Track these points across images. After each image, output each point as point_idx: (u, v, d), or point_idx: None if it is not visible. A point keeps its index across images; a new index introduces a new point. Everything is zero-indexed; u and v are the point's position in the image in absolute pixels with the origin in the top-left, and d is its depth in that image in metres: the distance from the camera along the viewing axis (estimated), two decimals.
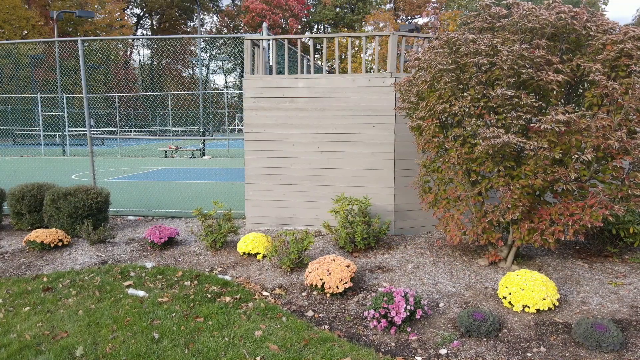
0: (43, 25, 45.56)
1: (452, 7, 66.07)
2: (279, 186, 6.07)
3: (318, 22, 66.86)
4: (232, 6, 68.49)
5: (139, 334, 3.45)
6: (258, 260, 4.97)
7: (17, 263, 5.18)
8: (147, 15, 66.02)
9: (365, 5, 67.07)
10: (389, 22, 65.45)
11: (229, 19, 67.29)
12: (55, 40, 12.09)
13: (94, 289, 4.35)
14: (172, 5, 60.50)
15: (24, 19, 45.23)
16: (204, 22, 68.13)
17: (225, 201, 8.82)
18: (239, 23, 66.37)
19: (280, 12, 62.52)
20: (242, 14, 64.74)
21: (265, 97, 5.94)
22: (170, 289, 4.35)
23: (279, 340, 3.32)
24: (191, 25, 66.87)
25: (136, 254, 5.41)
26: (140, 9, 64.45)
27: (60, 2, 51.37)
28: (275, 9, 61.55)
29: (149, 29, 65.35)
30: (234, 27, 67.44)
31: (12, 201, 6.25)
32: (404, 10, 69.31)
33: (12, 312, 3.95)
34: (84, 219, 6.01)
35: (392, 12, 68.34)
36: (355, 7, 66.88)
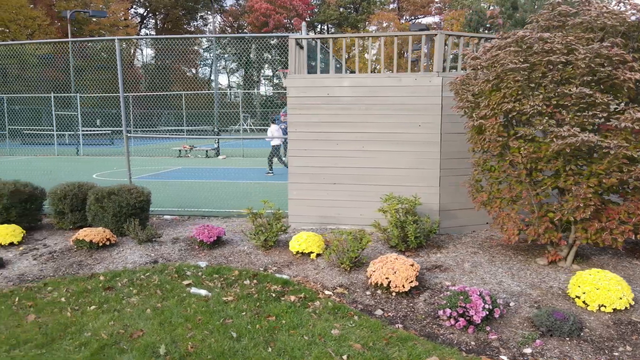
0: (49, 25, 45.55)
1: (456, 7, 66.06)
2: (323, 185, 6.07)
3: (322, 22, 66.87)
4: (236, 6, 68.50)
5: (215, 333, 3.45)
6: (312, 260, 4.97)
7: (68, 262, 5.18)
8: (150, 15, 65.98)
9: (369, 5, 67.04)
10: (393, 22, 65.48)
11: (232, 18, 67.31)
12: (69, 40, 12.10)
13: (155, 288, 4.36)
14: (177, 5, 60.45)
15: (30, 19, 45.20)
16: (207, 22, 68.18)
17: (255, 200, 8.82)
18: (242, 23, 66.38)
19: (284, 12, 62.54)
20: (246, 14, 64.75)
21: (309, 96, 5.94)
22: (231, 288, 4.36)
23: (359, 338, 3.33)
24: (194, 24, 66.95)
25: (185, 253, 5.42)
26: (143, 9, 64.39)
27: (65, 2, 51.42)
28: (279, 8, 61.54)
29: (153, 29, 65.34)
30: (238, 27, 67.47)
31: (54, 200, 6.25)
32: (408, 10, 69.30)
33: (78, 310, 3.96)
34: (127, 218, 6.01)
35: (397, 12, 68.32)
36: (359, 7, 66.85)
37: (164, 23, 63.36)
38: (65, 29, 50.71)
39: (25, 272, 4.92)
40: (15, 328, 3.66)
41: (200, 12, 66.54)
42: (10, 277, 4.79)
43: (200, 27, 67.85)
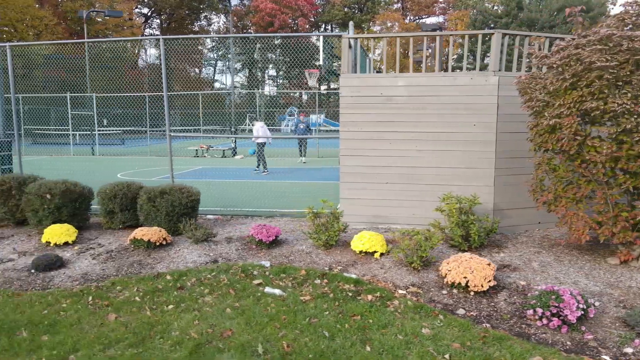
0: (55, 25, 45.56)
1: (460, 7, 66.09)
2: (375, 185, 6.07)
3: (326, 22, 66.86)
4: (240, 6, 68.47)
5: (306, 332, 3.45)
6: (376, 259, 4.96)
7: (128, 261, 5.18)
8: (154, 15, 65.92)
9: (374, 5, 67.06)
10: (398, 22, 65.48)
11: (237, 18, 67.29)
12: (85, 41, 12.10)
13: (226, 288, 4.35)
14: (182, 4, 60.41)
15: (37, 19, 45.21)
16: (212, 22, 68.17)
17: (291, 199, 8.84)
18: (247, 23, 66.35)
19: (289, 12, 62.55)
20: (250, 14, 64.73)
21: (363, 95, 5.94)
22: (302, 287, 4.35)
23: (454, 338, 3.32)
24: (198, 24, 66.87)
25: (243, 252, 5.41)
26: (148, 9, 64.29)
27: (71, 2, 51.43)
28: (284, 8, 61.52)
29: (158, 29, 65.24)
30: (242, 27, 67.46)
31: (104, 200, 6.25)
32: (412, 10, 69.33)
33: (156, 310, 3.95)
34: (180, 217, 6.01)
35: (401, 12, 68.35)
36: (364, 7, 66.86)
37: (169, 23, 63.30)
38: (71, 29, 50.78)
39: (88, 271, 4.92)
40: (100, 327, 3.65)
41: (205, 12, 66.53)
42: (74, 277, 4.78)
43: (205, 27, 67.84)
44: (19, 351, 3.29)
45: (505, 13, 55.10)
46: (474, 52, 30.58)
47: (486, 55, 19.91)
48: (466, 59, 5.66)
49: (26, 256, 5.41)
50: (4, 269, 4.99)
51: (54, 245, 5.67)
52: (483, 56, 5.45)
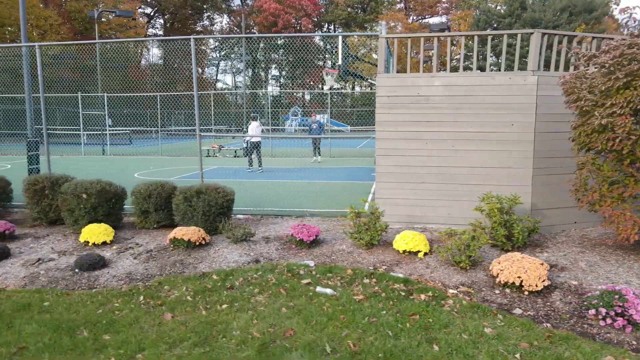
0: (60, 25, 45.57)
1: (463, 7, 66.10)
2: (410, 184, 6.07)
3: (329, 22, 66.84)
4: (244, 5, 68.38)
5: (369, 332, 3.45)
6: (420, 258, 4.97)
7: (169, 261, 5.18)
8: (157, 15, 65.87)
9: (377, 5, 67.05)
10: (401, 22, 65.50)
11: (240, 18, 67.27)
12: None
13: (275, 287, 4.35)
14: (186, 4, 60.37)
15: (42, 19, 45.24)
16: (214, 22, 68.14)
17: (317, 199, 8.84)
18: (250, 22, 66.30)
19: (293, 12, 62.56)
20: (254, 14, 64.72)
21: (399, 95, 5.94)
22: (352, 286, 4.35)
23: (519, 337, 3.32)
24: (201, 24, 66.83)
25: (283, 252, 5.41)
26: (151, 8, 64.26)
27: (75, 2, 51.44)
28: (288, 8, 61.53)
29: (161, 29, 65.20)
30: (246, 27, 67.45)
31: (138, 199, 6.25)
32: (415, 10, 69.34)
33: (211, 309, 3.95)
34: (216, 217, 6.02)
35: (404, 12, 68.37)
36: (367, 7, 66.83)
37: (172, 22, 63.25)
38: (76, 29, 50.78)
39: (132, 271, 4.92)
40: (158, 326, 3.65)
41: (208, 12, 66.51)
42: (119, 276, 4.79)
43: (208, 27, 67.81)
44: (85, 350, 3.29)
45: (509, 13, 55.11)
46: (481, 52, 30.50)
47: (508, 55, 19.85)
48: (505, 59, 5.65)
49: (66, 256, 5.41)
50: (47, 269, 5.00)
51: (93, 244, 5.68)
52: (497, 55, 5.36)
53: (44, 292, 4.36)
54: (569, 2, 49.53)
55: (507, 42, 5.80)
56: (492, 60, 36.55)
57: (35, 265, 5.13)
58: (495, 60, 38.08)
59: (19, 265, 5.12)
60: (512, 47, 19.43)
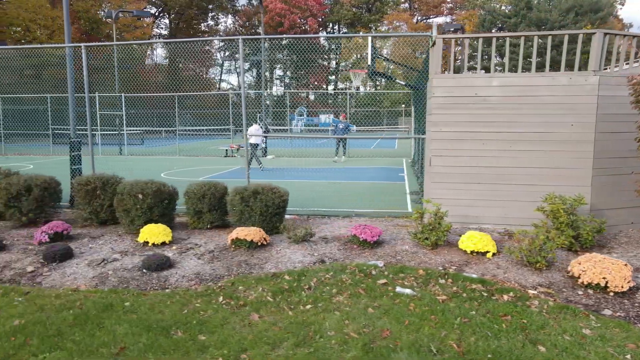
0: None
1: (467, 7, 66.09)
2: (465, 184, 6.07)
3: (335, 22, 66.84)
4: (249, 5, 68.39)
5: (467, 332, 3.45)
6: (488, 259, 4.97)
7: (234, 261, 5.18)
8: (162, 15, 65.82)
9: (382, 5, 67.06)
10: (407, 23, 65.46)
11: (246, 18, 67.28)
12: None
13: (352, 287, 4.35)
14: (192, 4, 60.36)
15: (50, 19, 45.27)
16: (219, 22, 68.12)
17: (351, 199, 8.85)
18: (254, 22, 66.28)
19: (299, 12, 62.60)
20: (259, 14, 64.71)
21: (455, 95, 5.94)
22: (428, 287, 4.35)
23: (621, 338, 3.32)
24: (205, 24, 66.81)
25: (345, 252, 5.41)
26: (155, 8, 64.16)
27: (82, 2, 51.46)
28: (294, 8, 61.56)
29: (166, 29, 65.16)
30: (250, 27, 67.43)
31: (192, 200, 6.26)
32: (421, 10, 69.35)
33: (295, 310, 3.95)
34: (272, 217, 6.02)
35: (409, 12, 68.38)
36: (372, 7, 66.82)
37: (178, 22, 63.20)
38: (82, 29, 50.79)
39: (199, 271, 4.92)
40: (250, 327, 3.66)
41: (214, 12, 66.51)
42: (188, 276, 4.79)
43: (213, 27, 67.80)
44: (188, 350, 3.30)
45: (514, 13, 55.11)
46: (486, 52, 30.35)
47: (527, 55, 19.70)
48: (549, 59, 5.66)
49: (128, 256, 5.42)
50: (114, 269, 5.00)
51: (152, 245, 5.68)
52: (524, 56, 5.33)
53: (120, 293, 4.37)
54: (575, 2, 49.50)
55: (566, 42, 5.80)
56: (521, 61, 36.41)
57: (101, 265, 5.14)
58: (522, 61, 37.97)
59: (85, 265, 5.13)
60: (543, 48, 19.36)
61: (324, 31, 67.41)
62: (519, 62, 5.84)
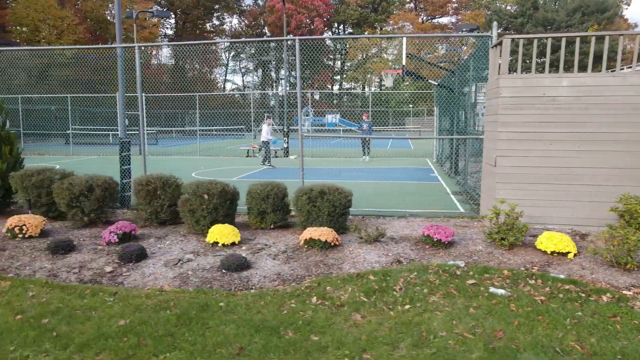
0: (77, 25, 45.62)
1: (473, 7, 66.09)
2: (531, 185, 6.07)
3: (341, 22, 66.84)
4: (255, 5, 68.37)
5: (583, 333, 3.45)
6: (570, 259, 4.96)
7: (310, 262, 5.17)
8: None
9: (388, 5, 67.07)
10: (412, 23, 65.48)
11: (252, 18, 67.26)
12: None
13: (443, 288, 4.34)
14: (198, 4, 60.30)
15: (59, 19, 45.30)
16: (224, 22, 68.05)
17: (400, 199, 8.86)
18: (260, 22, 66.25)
19: (306, 12, 62.62)
20: (265, 14, 64.71)
21: (523, 96, 5.94)
22: (519, 287, 4.35)
23: None
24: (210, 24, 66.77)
25: (419, 252, 5.41)
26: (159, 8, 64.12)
27: (90, 2, 51.49)
28: (301, 8, 61.57)
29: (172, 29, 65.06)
30: (255, 26, 67.41)
31: (256, 200, 6.26)
32: (427, 10, 69.34)
33: (394, 310, 3.95)
34: (339, 217, 6.03)
35: (416, 12, 68.40)
36: (378, 7, 66.80)
37: (184, 22, 63.12)
38: (91, 29, 50.81)
39: (279, 271, 4.92)
40: (356, 327, 3.65)
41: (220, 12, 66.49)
42: (270, 277, 4.79)
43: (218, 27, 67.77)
44: (310, 351, 3.30)
45: (520, 13, 55.10)
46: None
47: None
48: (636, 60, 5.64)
49: (201, 256, 5.41)
50: (193, 269, 5.00)
51: (222, 245, 5.68)
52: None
53: (209, 293, 4.36)
54: (581, 2, 49.49)
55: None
56: None
57: (178, 265, 5.14)
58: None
59: (161, 265, 5.13)
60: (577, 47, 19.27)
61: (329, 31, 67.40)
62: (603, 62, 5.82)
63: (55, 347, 3.40)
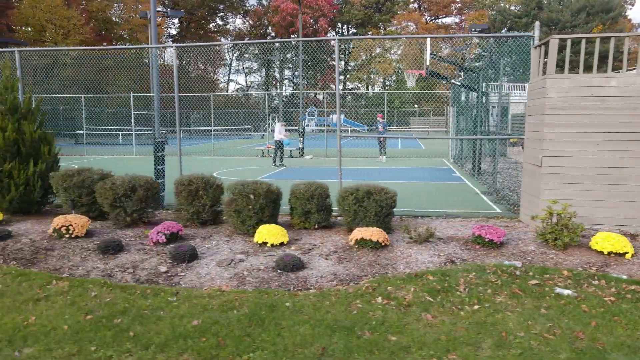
0: (83, 25, 45.64)
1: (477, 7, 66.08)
2: (577, 185, 6.06)
3: (344, 23, 66.86)
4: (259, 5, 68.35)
5: None
6: (628, 260, 4.96)
7: (364, 262, 5.15)
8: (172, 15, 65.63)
9: (392, 5, 67.07)
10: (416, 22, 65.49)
11: (256, 18, 67.28)
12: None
13: (506, 288, 4.33)
14: (203, 4, 60.28)
15: (65, 19, 45.32)
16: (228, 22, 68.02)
17: (429, 199, 8.84)
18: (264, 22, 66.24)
19: (310, 12, 62.64)
20: (269, 14, 64.73)
21: (571, 96, 5.93)
22: (583, 287, 4.34)
23: None
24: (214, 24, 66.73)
25: (469, 252, 5.40)
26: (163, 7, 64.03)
27: (97, 1, 51.53)
28: (305, 8, 61.59)
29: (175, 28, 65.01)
30: (260, 27, 67.42)
31: (300, 200, 6.24)
32: (431, 10, 69.34)
33: (464, 310, 3.94)
34: (385, 217, 6.02)
35: (420, 13, 68.42)
36: (382, 8, 66.80)
37: (189, 22, 63.05)
38: (97, 29, 50.83)
39: (334, 271, 4.90)
40: (430, 327, 3.64)
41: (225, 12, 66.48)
42: (326, 277, 4.77)
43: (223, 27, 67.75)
44: (394, 351, 3.29)
45: (525, 13, 55.08)
46: None
47: None
48: None
49: (251, 256, 5.40)
50: (248, 269, 4.99)
51: (271, 245, 5.67)
52: None
53: (271, 293, 4.35)
54: (586, 2, 49.47)
55: None
56: None
57: (232, 266, 5.13)
58: None
59: (214, 265, 5.12)
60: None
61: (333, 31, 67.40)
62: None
63: (136, 347, 3.40)
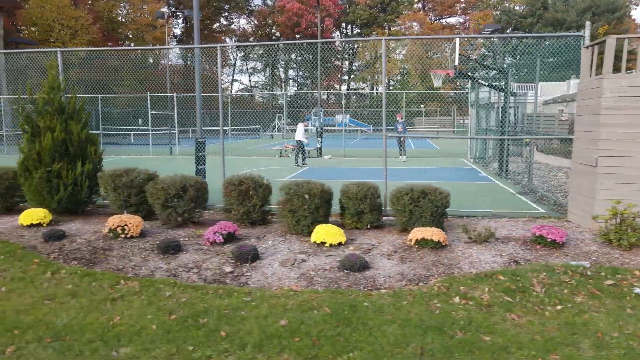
0: (90, 25, 45.64)
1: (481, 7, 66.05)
2: (633, 185, 6.05)
3: (348, 23, 66.85)
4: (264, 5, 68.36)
5: None
6: None
7: (427, 261, 5.14)
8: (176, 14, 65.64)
9: (397, 5, 67.04)
10: (423, 23, 65.48)
11: (262, 18, 67.25)
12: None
13: (583, 288, 4.33)
14: (209, 4, 60.27)
15: (72, 19, 45.33)
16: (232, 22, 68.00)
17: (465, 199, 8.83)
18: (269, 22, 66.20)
19: (315, 12, 62.60)
20: (274, 14, 64.71)
21: (627, 96, 5.92)
22: None
23: None
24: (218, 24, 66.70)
25: (531, 252, 5.39)
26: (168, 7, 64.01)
27: (104, 2, 51.56)
28: (311, 8, 61.56)
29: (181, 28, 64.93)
30: (264, 26, 67.38)
31: (353, 200, 6.24)
32: (436, 10, 69.31)
33: (546, 310, 3.94)
34: (440, 217, 6.02)
35: (425, 13, 68.39)
36: (387, 8, 66.77)
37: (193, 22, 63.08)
38: (104, 28, 50.81)
39: (400, 271, 4.89)
40: (515, 327, 3.63)
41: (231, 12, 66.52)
42: (394, 277, 4.76)
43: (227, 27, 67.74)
44: (494, 350, 3.29)
45: (530, 13, 55.04)
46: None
47: None
48: None
49: (312, 256, 5.39)
50: (313, 269, 4.98)
51: (329, 245, 5.67)
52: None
53: (345, 293, 4.33)
54: (591, 2, 49.44)
55: None
56: None
57: (296, 266, 5.13)
58: None
59: (278, 265, 5.12)
60: None
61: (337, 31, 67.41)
62: None
63: (233, 347, 3.40)
